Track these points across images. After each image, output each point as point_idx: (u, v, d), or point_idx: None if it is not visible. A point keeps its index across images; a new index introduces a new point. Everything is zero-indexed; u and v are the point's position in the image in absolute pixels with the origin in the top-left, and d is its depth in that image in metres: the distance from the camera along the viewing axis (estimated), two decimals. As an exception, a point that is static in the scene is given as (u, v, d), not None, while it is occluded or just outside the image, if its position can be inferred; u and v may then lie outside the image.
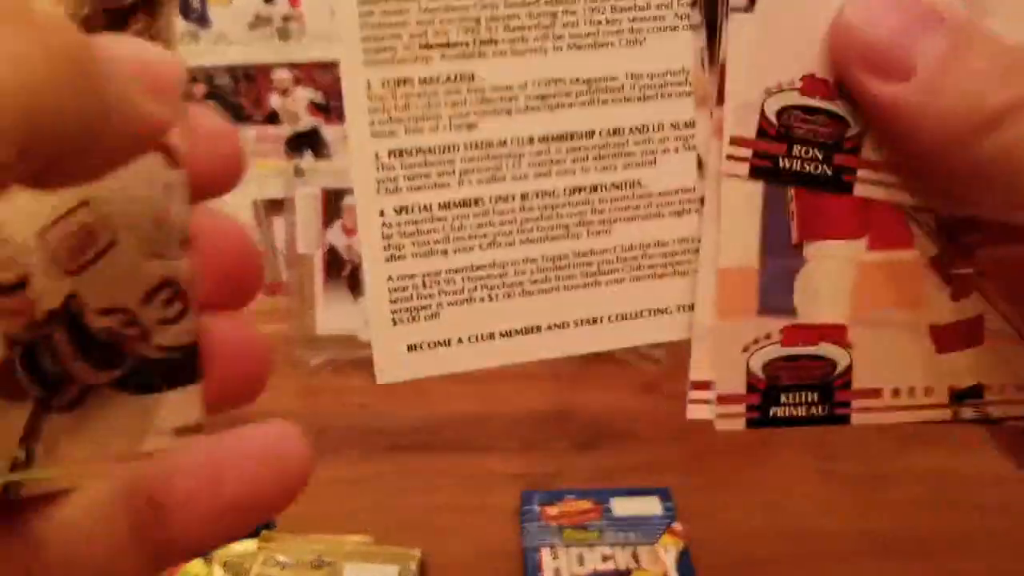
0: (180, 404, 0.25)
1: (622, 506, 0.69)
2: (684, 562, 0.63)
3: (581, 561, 0.65)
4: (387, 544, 0.66)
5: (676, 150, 0.29)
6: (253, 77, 1.14)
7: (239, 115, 1.06)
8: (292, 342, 0.81)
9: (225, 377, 0.26)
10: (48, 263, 0.23)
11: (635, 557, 0.65)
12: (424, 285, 0.28)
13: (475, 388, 0.78)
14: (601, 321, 0.29)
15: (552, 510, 0.69)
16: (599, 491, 0.70)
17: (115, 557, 0.23)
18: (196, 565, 0.64)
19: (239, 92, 1.14)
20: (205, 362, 0.25)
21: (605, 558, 0.65)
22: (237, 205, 0.88)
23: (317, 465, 0.25)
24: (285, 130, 1.04)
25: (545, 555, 0.65)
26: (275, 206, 0.96)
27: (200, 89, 1.04)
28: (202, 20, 0.98)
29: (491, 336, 0.29)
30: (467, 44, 0.27)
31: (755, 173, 0.28)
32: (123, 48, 0.21)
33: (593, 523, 0.68)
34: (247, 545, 0.66)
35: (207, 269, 0.25)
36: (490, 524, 0.68)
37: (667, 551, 0.65)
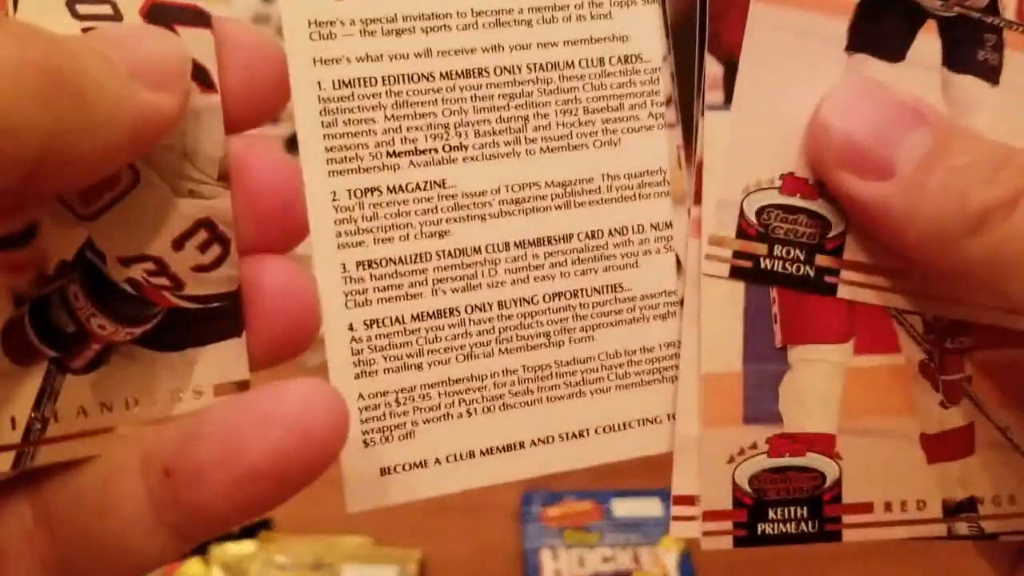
0: (221, 360, 0.23)
1: (623, 507, 0.69)
2: (685, 563, 0.64)
3: (582, 562, 0.65)
4: (387, 545, 0.66)
5: (658, 251, 0.28)
6: (252, 75, 1.13)
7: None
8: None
9: (271, 328, 0.24)
10: (58, 208, 0.21)
11: (636, 558, 0.66)
12: (397, 402, 0.27)
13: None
14: (587, 434, 0.28)
15: (553, 511, 0.69)
16: (600, 492, 0.70)
17: (133, 532, 0.22)
18: (195, 566, 0.65)
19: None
20: (248, 312, 0.23)
21: (606, 559, 0.66)
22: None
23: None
24: (284, 129, 1.03)
25: (545, 556, 0.66)
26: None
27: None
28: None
29: (471, 455, 0.27)
30: (436, 150, 0.26)
31: (735, 273, 0.28)
32: (118, 42, 0.20)
33: (594, 524, 0.68)
34: (246, 546, 0.66)
35: (249, 207, 0.23)
36: (490, 525, 0.68)
37: (668, 552, 0.65)
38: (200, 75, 0.23)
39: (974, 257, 0.25)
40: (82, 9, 0.22)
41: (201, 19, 0.23)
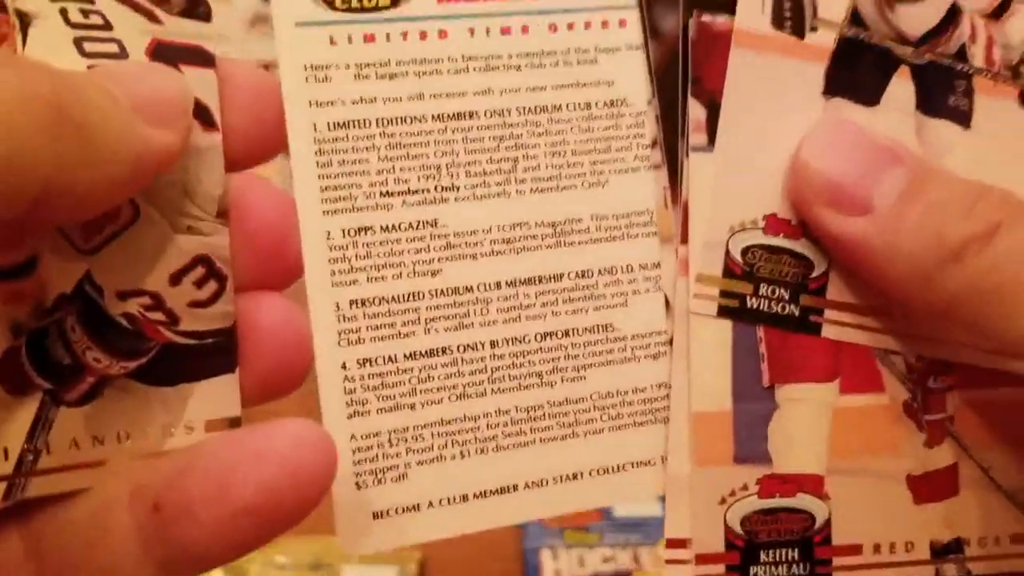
0: (213, 396, 0.23)
1: (623, 507, 0.69)
2: (683, 564, 0.64)
3: (582, 562, 0.65)
4: (386, 545, 0.66)
5: (647, 291, 0.29)
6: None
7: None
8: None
9: (264, 365, 0.24)
10: (59, 241, 0.22)
11: (635, 558, 0.66)
12: (390, 443, 0.26)
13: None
14: (581, 477, 0.28)
15: (553, 511, 0.69)
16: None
17: (122, 566, 0.22)
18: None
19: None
20: (242, 349, 0.24)
21: (606, 559, 0.65)
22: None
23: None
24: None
25: (545, 556, 0.65)
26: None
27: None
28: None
29: (464, 498, 0.27)
30: (428, 190, 0.27)
31: (723, 312, 0.28)
32: (122, 79, 0.21)
33: (594, 524, 0.68)
34: (245, 546, 0.66)
35: (246, 244, 0.24)
36: (490, 525, 0.68)
37: (667, 553, 0.65)
38: (202, 114, 0.23)
39: (953, 289, 0.25)
40: (89, 47, 0.22)
41: (205, 59, 0.23)
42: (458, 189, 0.27)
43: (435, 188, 0.27)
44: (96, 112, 0.19)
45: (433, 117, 0.27)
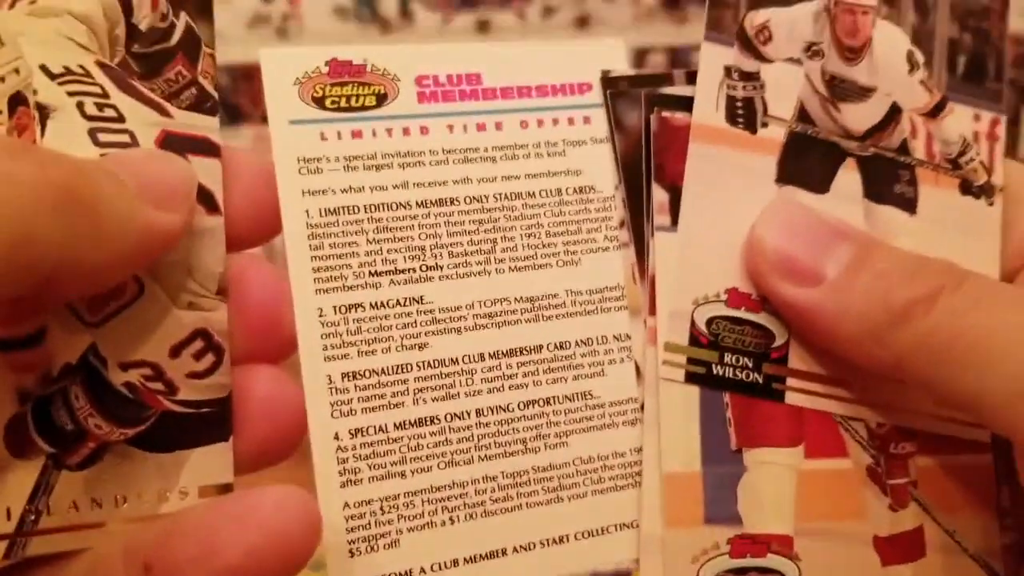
0: (207, 463, 0.24)
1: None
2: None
3: None
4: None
5: (622, 360, 0.30)
6: (252, 76, 1.14)
7: (237, 115, 1.04)
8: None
9: (258, 435, 0.25)
10: (66, 315, 0.23)
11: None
12: (382, 511, 0.27)
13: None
14: (567, 540, 0.29)
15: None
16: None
17: None
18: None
19: (237, 91, 1.14)
20: (237, 418, 0.24)
21: None
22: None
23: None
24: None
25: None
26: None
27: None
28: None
29: (455, 563, 0.28)
30: (414, 270, 0.29)
31: (690, 378, 0.29)
32: (129, 164, 0.22)
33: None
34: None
35: (243, 320, 0.25)
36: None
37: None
38: (206, 198, 0.25)
39: (902, 349, 0.27)
40: (103, 137, 0.24)
41: (210, 149, 0.25)
42: (442, 268, 0.29)
43: (420, 268, 0.29)
44: (104, 196, 0.21)
45: (417, 203, 0.29)
